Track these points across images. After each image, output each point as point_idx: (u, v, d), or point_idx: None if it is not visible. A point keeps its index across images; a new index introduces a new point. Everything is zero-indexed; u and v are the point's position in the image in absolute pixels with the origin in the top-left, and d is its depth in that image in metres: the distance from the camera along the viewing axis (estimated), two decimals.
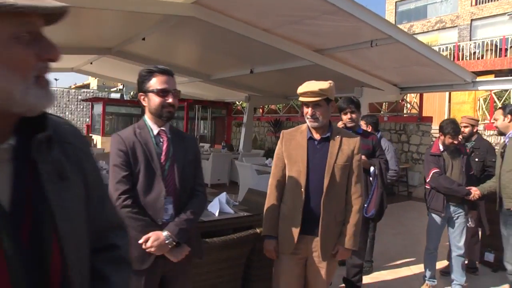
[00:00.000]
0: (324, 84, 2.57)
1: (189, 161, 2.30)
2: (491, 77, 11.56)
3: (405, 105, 13.29)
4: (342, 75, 7.85)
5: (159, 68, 2.25)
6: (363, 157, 3.77)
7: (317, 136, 2.66)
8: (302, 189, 2.57)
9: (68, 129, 1.01)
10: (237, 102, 17.59)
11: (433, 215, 4.34)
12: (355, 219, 2.68)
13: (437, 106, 15.96)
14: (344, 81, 8.40)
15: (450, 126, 4.20)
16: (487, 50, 19.47)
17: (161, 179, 2.18)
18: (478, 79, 7.93)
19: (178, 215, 2.21)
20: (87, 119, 24.36)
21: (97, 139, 17.71)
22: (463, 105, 15.59)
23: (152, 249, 2.10)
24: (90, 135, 18.72)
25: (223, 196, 3.65)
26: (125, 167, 2.15)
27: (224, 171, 10.65)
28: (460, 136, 4.30)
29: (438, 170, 4.22)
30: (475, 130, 5.12)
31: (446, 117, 16.02)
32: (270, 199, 2.73)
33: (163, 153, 2.23)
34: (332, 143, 2.64)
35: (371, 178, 4.08)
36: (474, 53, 20.18)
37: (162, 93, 2.20)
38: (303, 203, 2.57)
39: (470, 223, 4.19)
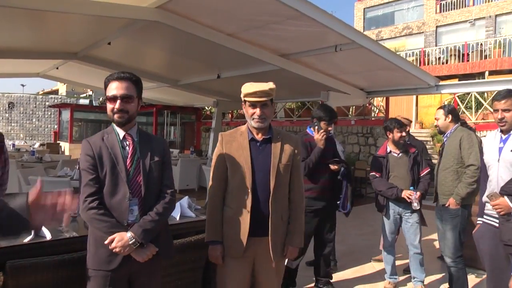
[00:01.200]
0: (271, 85, 2.60)
1: (155, 163, 2.35)
2: (455, 81, 11.90)
3: (372, 108, 13.54)
4: (308, 80, 7.95)
5: (116, 74, 2.32)
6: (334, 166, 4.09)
7: (259, 137, 2.67)
8: (249, 191, 2.56)
9: None
10: (206, 107, 17.57)
11: (382, 214, 4.56)
12: (301, 217, 2.76)
13: (404, 109, 16.31)
14: (310, 86, 8.52)
15: (393, 121, 4.47)
16: (451, 56, 20.06)
17: (126, 181, 2.24)
18: (442, 83, 8.16)
19: (144, 216, 2.26)
20: (55, 126, 23.85)
21: (65, 146, 17.36)
22: (430, 109, 15.98)
23: (117, 249, 2.16)
24: (58, 142, 18.35)
25: (185, 200, 3.67)
26: (91, 171, 2.23)
27: (193, 177, 10.60)
28: (404, 133, 4.45)
29: (374, 173, 4.48)
30: (407, 130, 5.28)
31: (413, 120, 16.42)
32: (212, 203, 2.68)
33: (129, 156, 2.30)
34: (274, 143, 2.66)
35: (339, 177, 4.26)
36: (439, 58, 20.74)
37: (111, 100, 2.28)
38: (250, 205, 2.56)
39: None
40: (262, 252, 2.62)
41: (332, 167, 4.16)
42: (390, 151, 4.50)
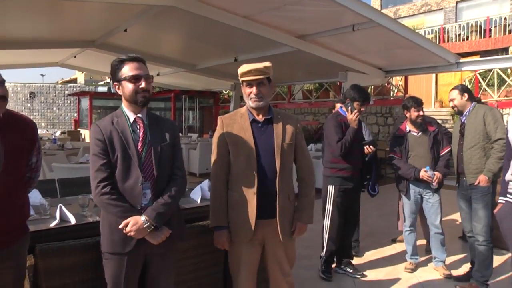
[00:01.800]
0: (267, 63, 2.58)
1: (166, 145, 2.34)
2: (476, 58, 11.62)
3: (391, 88, 13.36)
4: (326, 60, 7.87)
5: (129, 56, 2.30)
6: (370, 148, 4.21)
7: (259, 117, 2.65)
8: (254, 172, 2.54)
9: None
10: (224, 91, 17.57)
11: (402, 195, 4.55)
12: (311, 194, 2.76)
13: (424, 88, 16.07)
14: (328, 66, 8.44)
15: (411, 100, 4.43)
16: (472, 32, 19.53)
17: (138, 165, 2.23)
18: (463, 60, 7.99)
19: (157, 199, 2.27)
20: (75, 114, 24.18)
21: (85, 133, 17.63)
22: (450, 87, 15.65)
23: (132, 233, 2.17)
24: (78, 129, 18.62)
25: (205, 183, 3.70)
26: (102, 156, 2.21)
27: None
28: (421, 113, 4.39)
29: (393, 154, 4.48)
30: None
31: (433, 99, 16.16)
32: (217, 188, 2.66)
33: (140, 140, 2.28)
34: (275, 123, 2.65)
35: (367, 159, 4.33)
36: (460, 35, 20.23)
37: (134, 79, 2.25)
38: (256, 187, 2.54)
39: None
40: (270, 234, 2.61)
41: (366, 150, 4.19)
42: (410, 131, 4.46)
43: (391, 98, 12.80)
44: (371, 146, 4.22)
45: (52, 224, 2.77)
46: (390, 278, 4.34)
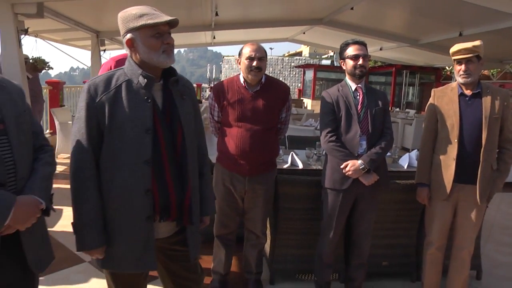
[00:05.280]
0: (476, 42, 2.78)
1: (379, 109, 2.96)
2: None
3: None
4: None
5: (353, 40, 3.00)
6: None
7: (467, 92, 2.89)
8: (456, 140, 2.85)
9: (186, 79, 2.06)
10: (447, 68, 16.68)
11: None
12: (509, 167, 2.95)
13: None
14: None
15: None
16: None
17: (357, 122, 2.90)
18: None
19: (370, 149, 2.89)
20: (299, 84, 26.15)
21: (307, 102, 19.11)
22: None
23: (350, 173, 2.85)
24: (301, 98, 20.23)
25: (413, 153, 4.17)
26: (330, 114, 2.97)
27: None
28: None
29: None
30: None
31: None
32: (423, 150, 3.08)
33: (359, 103, 2.96)
34: (484, 97, 2.84)
35: None
36: None
37: (354, 57, 2.93)
38: (456, 153, 2.85)
39: None
40: (464, 197, 2.91)
41: None
42: None
43: None
44: None
45: (285, 166, 3.82)
46: None
